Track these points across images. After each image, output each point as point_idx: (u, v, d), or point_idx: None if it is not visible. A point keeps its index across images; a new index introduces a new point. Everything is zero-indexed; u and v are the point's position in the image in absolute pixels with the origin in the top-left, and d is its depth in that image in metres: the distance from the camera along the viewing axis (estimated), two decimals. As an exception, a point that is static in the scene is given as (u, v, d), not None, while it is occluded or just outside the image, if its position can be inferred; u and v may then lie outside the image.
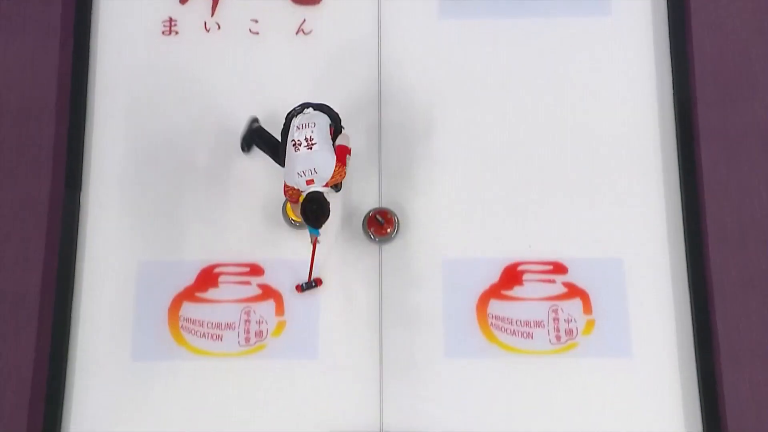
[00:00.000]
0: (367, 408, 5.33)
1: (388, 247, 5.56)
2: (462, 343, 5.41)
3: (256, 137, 5.56)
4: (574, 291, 5.47)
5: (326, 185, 4.99)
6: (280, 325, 5.45)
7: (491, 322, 5.44)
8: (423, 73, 5.83)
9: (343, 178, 5.10)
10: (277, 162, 5.33)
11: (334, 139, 5.15)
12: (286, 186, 5.06)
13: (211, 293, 5.48)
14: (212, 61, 5.87)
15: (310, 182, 4.94)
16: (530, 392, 5.35)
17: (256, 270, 5.53)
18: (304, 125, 5.05)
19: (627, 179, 5.63)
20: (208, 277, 5.50)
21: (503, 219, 5.58)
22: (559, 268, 5.51)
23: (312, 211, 4.95)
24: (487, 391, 5.35)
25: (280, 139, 5.26)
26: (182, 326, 5.42)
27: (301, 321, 5.44)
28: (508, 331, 5.42)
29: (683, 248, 5.48)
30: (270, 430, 5.28)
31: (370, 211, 5.57)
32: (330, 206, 5.01)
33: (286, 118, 5.20)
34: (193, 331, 5.42)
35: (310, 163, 4.95)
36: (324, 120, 5.12)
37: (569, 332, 5.41)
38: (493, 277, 5.50)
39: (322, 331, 5.42)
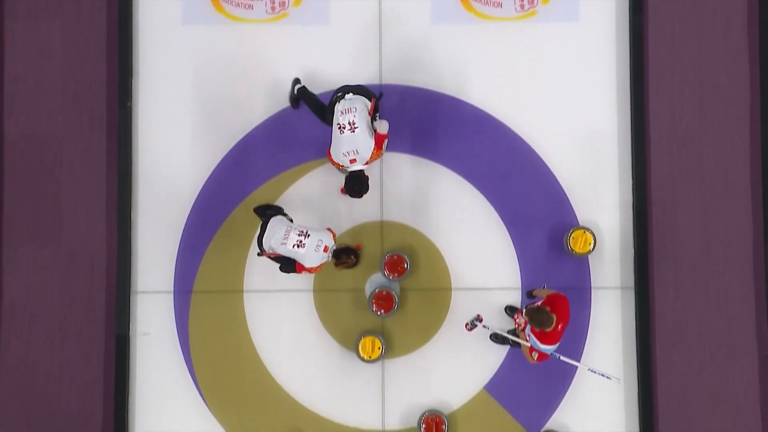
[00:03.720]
0: (369, 64, 6.77)
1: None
2: (445, 12, 6.73)
3: (302, 97, 6.41)
4: (537, -28, 6.70)
5: (366, 164, 5.98)
6: (299, -3, 6.75)
7: (469, -6, 6.73)
8: None
9: (380, 157, 6.11)
10: (319, 118, 6.24)
11: (372, 118, 6.04)
12: (332, 160, 6.08)
13: (242, -30, 6.75)
14: None
15: (353, 161, 5.96)
16: (499, 53, 6.76)
17: (277, -48, 6.75)
18: (347, 110, 5.92)
19: None
20: (238, -44, 6.74)
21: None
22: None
23: (355, 189, 6.05)
24: (465, 51, 6.76)
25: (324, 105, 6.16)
26: (221, -3, 6.73)
27: (316, -5, 6.73)
28: (482, 2, 6.71)
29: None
30: (289, 83, 6.67)
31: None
32: (369, 181, 6.07)
33: (330, 102, 6.05)
34: (229, 1, 6.72)
35: (353, 144, 5.92)
36: (363, 103, 5.97)
37: (531, 1, 6.70)
38: (471, -42, 6.73)
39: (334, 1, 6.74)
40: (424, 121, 6.71)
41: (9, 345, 6.51)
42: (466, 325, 6.11)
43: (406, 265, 6.58)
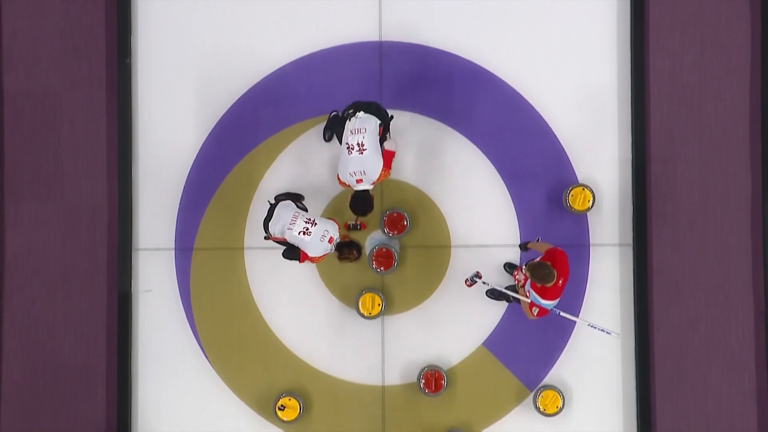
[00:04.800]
0: (367, 21, 6.72)
1: None
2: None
3: (335, 126, 6.29)
4: None
5: (372, 184, 5.87)
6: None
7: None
8: None
9: (388, 177, 5.98)
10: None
11: (382, 138, 5.91)
12: (339, 179, 5.98)
13: None
14: None
15: (359, 181, 5.84)
16: (497, 7, 6.71)
17: None
18: (356, 130, 5.79)
19: None
20: None
21: None
22: None
23: (359, 209, 5.94)
24: (464, 6, 6.69)
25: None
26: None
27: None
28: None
29: None
30: (287, 41, 6.72)
31: None
32: (374, 200, 5.98)
33: (341, 118, 5.95)
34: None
35: (361, 165, 5.80)
36: (373, 124, 5.83)
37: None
38: None
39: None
40: (423, 78, 6.70)
41: (11, 300, 6.57)
42: (466, 281, 6.16)
43: (405, 223, 6.61)
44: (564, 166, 6.68)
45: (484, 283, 6.14)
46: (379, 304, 6.58)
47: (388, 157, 5.91)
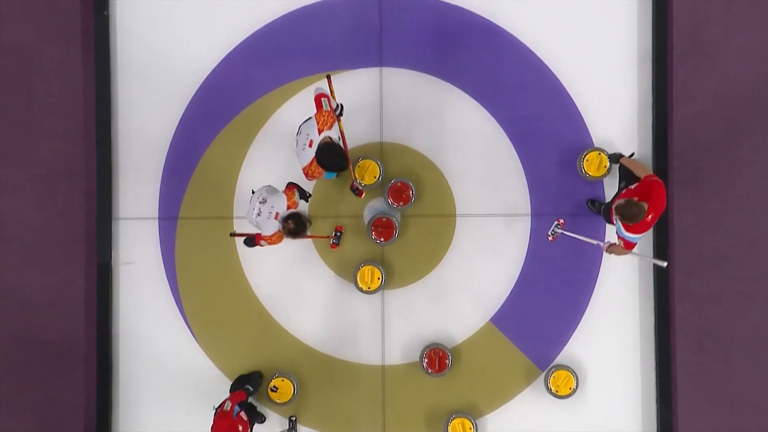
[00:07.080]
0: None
1: None
2: None
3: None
4: None
5: (321, 132, 5.24)
6: None
7: None
8: None
9: (333, 119, 5.30)
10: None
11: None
12: (305, 172, 5.36)
13: None
14: None
15: (311, 143, 5.24)
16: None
17: None
18: (297, 141, 5.35)
19: None
20: None
21: None
22: None
23: (329, 161, 5.28)
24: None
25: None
26: None
27: None
28: None
29: None
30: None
31: None
32: (342, 150, 5.35)
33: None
34: None
35: (305, 137, 5.25)
36: (308, 126, 5.33)
37: None
38: None
39: None
40: (427, 33, 6.32)
41: (-17, 272, 6.17)
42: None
43: (411, 193, 6.23)
44: (579, 128, 6.28)
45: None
46: (378, 278, 6.24)
47: (314, 100, 5.43)
